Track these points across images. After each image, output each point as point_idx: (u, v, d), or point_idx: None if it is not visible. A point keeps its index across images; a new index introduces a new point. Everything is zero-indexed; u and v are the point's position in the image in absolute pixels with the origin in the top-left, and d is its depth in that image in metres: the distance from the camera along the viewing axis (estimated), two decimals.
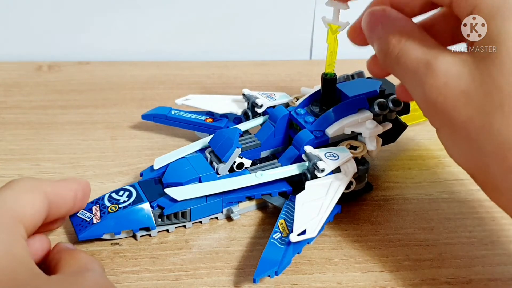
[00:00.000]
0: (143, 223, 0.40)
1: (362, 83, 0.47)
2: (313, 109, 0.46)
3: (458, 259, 0.41)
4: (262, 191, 0.42)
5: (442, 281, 0.39)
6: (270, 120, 0.46)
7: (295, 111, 0.45)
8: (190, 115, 0.50)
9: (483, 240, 0.43)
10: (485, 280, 0.40)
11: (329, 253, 0.41)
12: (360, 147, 0.43)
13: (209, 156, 0.43)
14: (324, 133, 0.43)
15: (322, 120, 0.44)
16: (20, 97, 0.56)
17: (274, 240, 0.38)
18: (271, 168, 0.43)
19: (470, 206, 0.46)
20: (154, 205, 0.40)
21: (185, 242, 0.41)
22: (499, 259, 0.41)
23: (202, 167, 0.42)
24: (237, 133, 0.43)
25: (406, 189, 0.47)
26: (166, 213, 0.40)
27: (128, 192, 0.40)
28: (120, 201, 0.40)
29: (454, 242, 0.42)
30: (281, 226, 0.39)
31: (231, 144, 0.42)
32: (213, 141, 0.44)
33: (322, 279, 0.39)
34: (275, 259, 0.36)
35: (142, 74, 0.61)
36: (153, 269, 0.39)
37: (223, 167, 0.42)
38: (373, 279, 0.39)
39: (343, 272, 0.40)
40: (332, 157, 0.41)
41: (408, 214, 0.45)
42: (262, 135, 0.46)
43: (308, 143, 0.42)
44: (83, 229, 0.38)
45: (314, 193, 0.40)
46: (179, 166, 0.42)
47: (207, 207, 0.41)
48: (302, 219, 0.38)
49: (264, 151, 0.46)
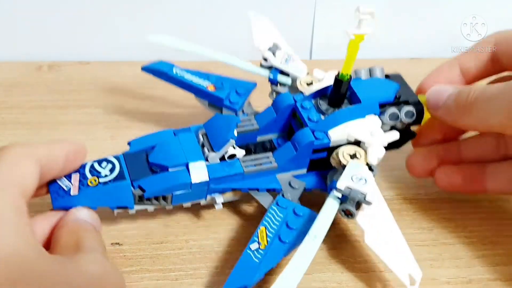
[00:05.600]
0: (122, 202, 0.38)
1: (378, 84, 0.43)
2: (320, 105, 0.42)
3: (458, 259, 0.41)
4: (250, 185, 0.40)
5: (442, 281, 0.39)
6: (274, 107, 0.43)
7: (301, 103, 0.42)
8: (193, 77, 0.47)
9: (483, 240, 0.43)
10: (485, 280, 0.40)
11: (329, 253, 0.41)
12: (360, 157, 0.40)
13: (202, 138, 0.40)
14: (326, 135, 0.41)
15: (326, 122, 0.41)
16: (20, 97, 0.56)
17: (250, 251, 0.36)
18: (264, 164, 0.40)
19: (470, 206, 0.46)
20: (136, 185, 0.37)
21: (185, 242, 0.41)
22: (499, 259, 0.41)
23: (192, 152, 0.39)
24: (234, 123, 0.40)
25: (406, 189, 0.47)
26: (147, 196, 0.38)
27: (111, 165, 0.38)
28: (102, 174, 0.37)
29: (454, 242, 0.42)
30: (260, 235, 0.37)
31: (226, 135, 0.39)
32: (209, 125, 0.41)
33: (322, 279, 0.39)
34: (247, 275, 0.35)
35: (142, 74, 0.61)
36: (153, 269, 0.39)
37: (214, 155, 0.39)
38: (373, 279, 0.39)
39: (343, 272, 0.40)
40: (360, 180, 0.38)
41: (408, 214, 0.45)
42: (262, 120, 0.43)
43: (308, 145, 0.40)
44: (59, 198, 0.36)
45: (378, 231, 0.37)
46: (168, 145, 0.39)
47: (190, 194, 0.39)
48: (401, 268, 0.36)
49: (261, 136, 0.44)
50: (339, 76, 0.41)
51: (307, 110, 0.42)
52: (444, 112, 0.40)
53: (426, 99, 0.42)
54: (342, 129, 0.41)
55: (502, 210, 0.46)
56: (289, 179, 0.41)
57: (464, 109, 0.39)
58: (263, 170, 0.40)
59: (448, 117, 0.40)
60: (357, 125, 0.41)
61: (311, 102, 0.43)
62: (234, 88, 0.46)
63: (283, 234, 0.37)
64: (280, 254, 0.36)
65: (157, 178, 0.38)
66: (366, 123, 0.41)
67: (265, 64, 0.47)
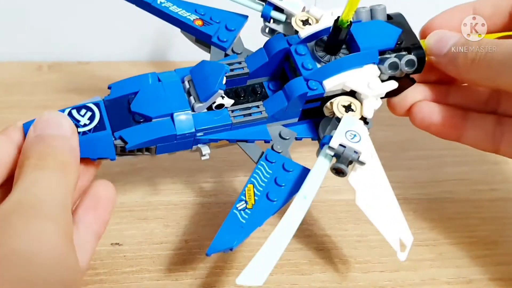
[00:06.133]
0: (103, 154, 0.35)
1: (379, 28, 0.40)
2: (316, 51, 0.39)
3: (458, 259, 0.41)
4: (239, 136, 0.37)
5: (442, 281, 0.39)
6: (266, 50, 0.40)
7: (296, 48, 0.39)
8: (179, 9, 0.43)
9: (483, 240, 0.43)
10: (486, 280, 0.40)
11: (329, 253, 0.41)
12: (356, 110, 0.37)
13: (188, 85, 0.37)
14: (321, 85, 0.38)
15: (321, 71, 0.38)
16: (21, 97, 0.56)
17: (237, 211, 0.33)
18: (254, 114, 0.38)
19: (471, 206, 0.46)
20: (117, 135, 0.35)
21: (185, 242, 0.41)
22: (500, 259, 0.41)
23: (177, 100, 0.37)
24: (223, 72, 0.37)
25: (406, 189, 0.47)
26: (129, 149, 0.35)
27: (91, 112, 0.36)
28: (81, 123, 0.35)
29: (454, 242, 0.42)
30: (247, 193, 0.34)
31: (214, 85, 0.36)
32: (196, 72, 0.38)
33: (322, 279, 0.39)
34: (233, 235, 0.33)
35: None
36: (153, 269, 0.39)
37: (201, 106, 0.37)
38: (373, 279, 0.39)
39: (343, 272, 0.40)
40: (354, 137, 0.35)
41: (408, 214, 0.45)
42: (253, 63, 0.40)
43: (300, 96, 0.37)
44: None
45: (370, 192, 0.35)
46: (152, 92, 0.37)
47: (175, 145, 0.37)
48: (391, 232, 0.35)
49: (252, 80, 0.40)
50: (338, 22, 0.37)
51: (302, 56, 0.39)
52: (447, 62, 0.38)
53: (426, 43, 0.39)
54: (338, 79, 0.38)
55: (503, 210, 0.46)
56: (280, 129, 0.39)
57: (471, 64, 0.36)
58: (252, 121, 0.38)
59: (451, 69, 0.38)
60: (354, 75, 0.38)
61: (306, 47, 0.40)
62: (224, 23, 0.43)
63: (272, 192, 0.35)
64: (267, 213, 0.34)
65: (140, 129, 0.36)
66: (363, 73, 0.38)
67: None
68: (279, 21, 0.43)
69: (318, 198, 0.45)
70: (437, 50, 0.38)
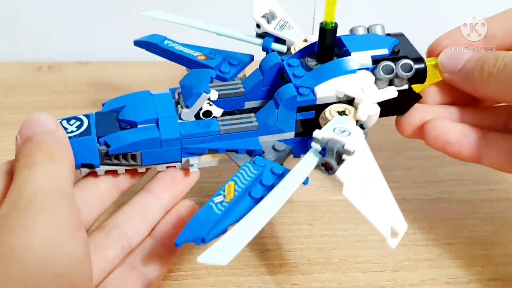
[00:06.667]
0: (86, 159, 0.35)
1: (374, 39, 0.39)
2: (308, 62, 0.38)
3: (458, 259, 0.41)
4: (228, 146, 0.36)
5: (442, 281, 0.39)
6: (260, 68, 0.40)
7: (288, 61, 0.39)
8: (183, 48, 0.44)
9: (483, 240, 0.43)
10: (485, 280, 0.40)
11: (329, 253, 0.41)
12: (349, 114, 0.36)
13: (177, 97, 0.38)
14: (312, 91, 0.37)
15: (311, 76, 0.37)
16: (20, 97, 0.56)
17: (213, 203, 0.32)
18: (244, 123, 0.37)
19: (470, 206, 0.46)
20: (102, 141, 0.35)
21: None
22: (499, 259, 0.41)
23: (164, 108, 0.37)
24: (208, 76, 0.37)
25: (406, 189, 0.47)
26: (112, 152, 0.35)
27: (79, 122, 0.36)
28: (68, 130, 0.35)
29: (454, 242, 0.42)
30: (227, 189, 0.32)
31: (198, 87, 0.36)
32: (184, 81, 0.38)
33: (322, 279, 0.39)
34: (206, 225, 0.31)
35: (142, 74, 0.61)
36: None
37: (187, 112, 0.36)
38: (373, 279, 0.39)
39: (343, 272, 0.40)
40: (343, 132, 0.33)
41: (408, 214, 0.45)
42: (248, 83, 0.40)
43: (289, 100, 0.36)
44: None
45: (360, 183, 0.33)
46: (140, 102, 0.37)
47: (161, 153, 0.36)
48: (381, 220, 0.32)
49: (249, 102, 0.40)
50: (323, 24, 0.37)
51: (294, 67, 0.39)
52: (463, 79, 0.37)
53: (439, 61, 0.38)
54: (330, 85, 0.37)
55: (501, 210, 0.46)
56: (274, 142, 0.38)
57: (488, 78, 0.35)
58: (242, 129, 0.37)
59: (467, 85, 0.37)
60: (347, 80, 0.37)
61: (299, 60, 0.39)
62: (227, 59, 0.43)
63: (254, 190, 0.33)
64: (246, 209, 0.32)
65: (124, 133, 0.36)
66: (357, 78, 0.37)
67: (258, 32, 0.44)
68: (281, 52, 0.43)
69: (318, 198, 0.46)
70: (451, 67, 0.37)
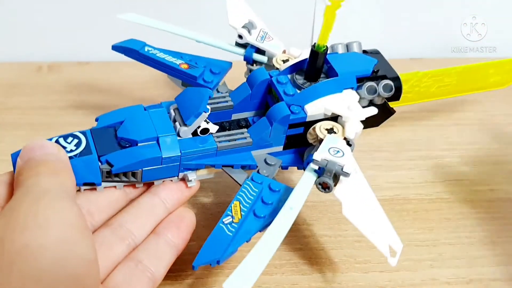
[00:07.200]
0: (88, 178, 0.35)
1: (355, 58, 0.43)
2: (297, 79, 0.41)
3: (458, 259, 0.41)
4: (224, 162, 0.38)
5: (442, 281, 0.39)
6: (248, 83, 0.42)
7: (277, 78, 0.41)
8: (165, 55, 0.45)
9: (483, 240, 0.43)
10: (485, 280, 0.40)
11: (329, 253, 0.41)
12: (338, 132, 0.39)
13: (173, 113, 0.39)
14: (302, 109, 0.39)
15: (302, 96, 0.40)
16: (20, 97, 0.56)
17: (223, 225, 0.34)
18: (239, 140, 0.39)
19: (470, 206, 0.46)
20: (103, 160, 0.36)
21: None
22: (499, 259, 0.41)
23: (163, 126, 0.38)
24: (207, 95, 0.38)
25: (406, 189, 0.47)
26: (115, 172, 0.36)
27: (77, 140, 0.36)
28: (67, 149, 0.35)
29: (454, 242, 0.42)
30: (234, 209, 0.35)
31: (198, 107, 0.37)
32: (180, 99, 0.39)
33: (322, 279, 0.39)
34: (220, 247, 0.33)
35: (142, 74, 0.61)
36: None
37: (186, 130, 0.38)
38: (373, 279, 0.39)
39: (343, 272, 0.40)
40: (337, 153, 0.36)
41: (408, 214, 0.45)
42: (237, 97, 0.41)
43: (283, 119, 0.39)
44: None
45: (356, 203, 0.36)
46: (138, 119, 0.38)
47: (161, 170, 0.37)
48: (381, 240, 0.35)
49: (237, 114, 0.42)
50: (315, 47, 0.40)
51: (283, 84, 0.41)
52: None
53: None
54: (319, 104, 0.40)
55: (502, 210, 0.46)
56: (265, 156, 0.40)
57: None
58: (237, 146, 0.39)
59: None
60: (334, 99, 0.40)
61: (287, 77, 0.41)
62: (209, 67, 0.44)
63: (258, 209, 0.36)
64: (254, 228, 0.35)
65: (126, 152, 0.36)
66: (343, 97, 0.40)
67: (240, 42, 0.46)
68: (262, 62, 0.45)
69: (318, 198, 0.46)
70: None
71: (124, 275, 0.34)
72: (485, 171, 0.50)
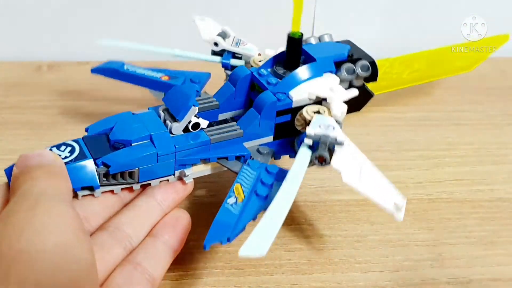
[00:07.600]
0: (86, 182, 0.36)
1: (329, 46, 0.45)
2: (277, 70, 0.42)
3: (458, 259, 0.41)
4: (218, 154, 0.39)
5: (442, 281, 0.39)
6: (230, 81, 0.42)
7: (258, 72, 0.42)
8: (145, 71, 0.46)
9: (483, 240, 0.43)
10: (485, 280, 0.40)
11: (329, 253, 0.41)
12: (324, 113, 0.39)
13: (163, 114, 0.39)
14: (288, 96, 0.40)
15: (285, 82, 0.41)
16: (20, 97, 0.56)
17: (228, 205, 0.35)
18: (230, 132, 0.39)
19: (470, 206, 0.46)
20: (99, 162, 0.36)
21: (185, 242, 0.41)
22: (499, 259, 0.41)
23: (154, 125, 0.38)
24: (194, 90, 0.40)
25: (406, 189, 0.47)
26: (112, 171, 0.36)
27: (70, 147, 0.36)
28: (62, 156, 0.36)
29: (454, 242, 0.42)
30: (236, 191, 0.36)
31: (187, 101, 0.38)
32: (168, 98, 0.40)
33: (322, 279, 0.39)
34: (228, 224, 0.34)
35: None
36: None
37: (177, 126, 0.38)
38: (373, 279, 0.39)
39: (343, 272, 0.40)
40: (328, 127, 0.38)
41: (408, 214, 0.45)
42: (221, 96, 0.42)
43: (270, 105, 0.39)
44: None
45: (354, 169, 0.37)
46: (128, 122, 0.38)
47: (157, 168, 0.38)
48: (385, 199, 0.36)
49: (223, 114, 0.42)
50: (290, 34, 0.42)
51: (265, 76, 0.42)
52: None
53: None
54: (302, 89, 0.41)
55: (501, 211, 0.46)
56: (257, 146, 0.41)
57: None
58: (229, 137, 0.39)
59: None
60: (316, 83, 0.41)
61: (268, 70, 0.43)
62: (189, 78, 0.45)
63: (259, 189, 0.36)
64: (259, 207, 0.36)
65: (121, 152, 0.37)
66: (324, 81, 0.42)
67: (216, 50, 0.47)
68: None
69: (318, 198, 0.46)
70: None
71: (123, 278, 0.33)
72: (485, 171, 0.50)
